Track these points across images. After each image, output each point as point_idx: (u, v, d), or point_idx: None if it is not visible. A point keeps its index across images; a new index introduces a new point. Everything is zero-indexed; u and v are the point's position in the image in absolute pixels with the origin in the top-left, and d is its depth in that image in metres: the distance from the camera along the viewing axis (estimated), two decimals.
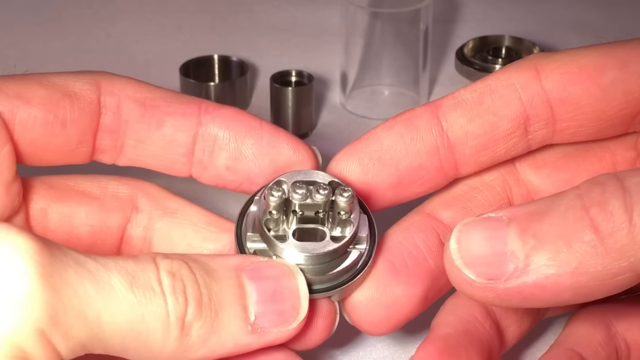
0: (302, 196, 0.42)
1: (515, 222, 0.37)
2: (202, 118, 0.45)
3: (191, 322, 0.36)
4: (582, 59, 0.43)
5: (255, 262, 0.40)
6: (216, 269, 0.38)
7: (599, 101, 0.43)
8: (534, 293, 0.36)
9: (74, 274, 0.34)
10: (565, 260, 0.35)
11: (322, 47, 0.84)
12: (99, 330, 0.34)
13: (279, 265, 0.40)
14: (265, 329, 0.39)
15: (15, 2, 0.90)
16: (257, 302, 0.39)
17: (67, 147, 0.44)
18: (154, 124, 0.45)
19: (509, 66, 0.45)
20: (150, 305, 0.35)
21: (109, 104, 0.44)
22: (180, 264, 0.37)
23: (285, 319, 0.39)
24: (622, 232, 0.35)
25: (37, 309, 0.32)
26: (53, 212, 0.45)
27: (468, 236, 0.38)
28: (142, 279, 0.36)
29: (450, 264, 0.38)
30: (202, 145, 0.45)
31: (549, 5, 0.91)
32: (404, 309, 0.44)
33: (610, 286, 0.36)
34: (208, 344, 0.37)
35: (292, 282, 0.40)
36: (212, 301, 0.37)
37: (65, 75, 0.44)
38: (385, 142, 0.44)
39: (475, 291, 0.37)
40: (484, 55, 0.78)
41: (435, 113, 0.44)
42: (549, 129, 0.44)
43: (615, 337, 0.48)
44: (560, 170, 0.47)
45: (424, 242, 0.45)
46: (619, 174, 0.37)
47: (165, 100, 0.45)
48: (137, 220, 0.46)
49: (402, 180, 0.44)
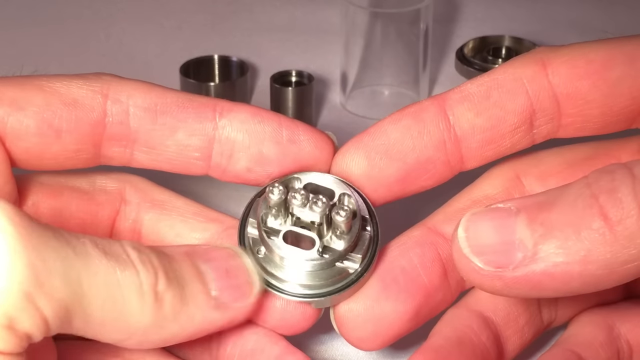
0: (300, 204, 0.42)
1: (524, 212, 0.37)
2: (218, 122, 0.44)
3: (163, 292, 0.37)
4: (590, 54, 0.43)
5: (203, 248, 0.41)
6: (171, 254, 0.39)
7: (605, 97, 0.43)
8: (543, 281, 0.36)
9: (53, 237, 0.34)
10: (574, 248, 0.35)
11: (322, 47, 0.84)
12: (80, 292, 0.34)
13: (223, 248, 0.42)
14: (227, 304, 0.40)
15: (15, 2, 0.90)
16: (215, 278, 0.40)
17: (64, 155, 0.44)
18: (166, 131, 0.44)
19: (515, 59, 0.44)
20: (125, 272, 0.36)
21: (115, 112, 0.43)
22: (139, 243, 0.38)
23: (243, 293, 0.41)
24: (632, 219, 0.35)
25: (21, 269, 0.32)
26: (44, 206, 0.45)
27: (476, 225, 0.37)
28: (112, 250, 0.36)
29: (458, 252, 0.37)
30: (219, 150, 0.44)
31: (549, 5, 0.91)
32: (393, 326, 0.44)
33: (619, 275, 0.36)
34: (180, 318, 0.38)
35: (239, 261, 0.41)
36: (176, 275, 0.38)
37: (70, 79, 0.43)
38: (392, 135, 0.44)
39: (483, 279, 0.37)
40: (484, 55, 0.78)
41: (442, 106, 0.44)
42: (554, 124, 0.44)
43: (618, 338, 0.48)
44: (565, 179, 0.45)
45: (420, 257, 0.44)
46: (628, 163, 0.37)
47: (178, 105, 0.44)
48: (125, 212, 0.47)
49: (410, 173, 0.44)
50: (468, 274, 0.37)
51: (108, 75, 0.45)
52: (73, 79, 0.43)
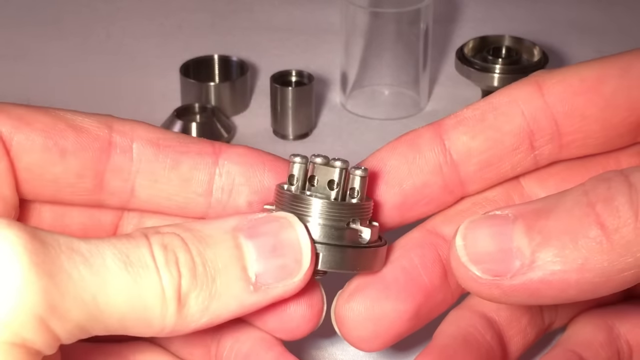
0: (323, 159, 0.42)
1: (521, 219, 0.37)
2: (218, 156, 0.44)
3: (187, 293, 0.37)
4: (583, 72, 0.43)
5: (252, 219, 0.40)
6: (211, 234, 0.39)
7: (602, 110, 0.43)
8: (540, 289, 0.36)
9: (67, 259, 0.34)
10: (571, 257, 0.35)
11: (322, 47, 0.84)
12: (96, 312, 0.34)
13: (277, 217, 0.40)
14: (269, 285, 0.39)
15: (15, 2, 0.90)
16: (257, 259, 0.39)
17: (66, 180, 0.43)
18: (169, 163, 0.44)
19: (511, 85, 0.45)
20: (146, 282, 0.36)
21: (120, 143, 0.43)
22: (172, 236, 0.38)
23: (288, 272, 0.39)
24: (628, 228, 0.35)
25: (33, 296, 0.32)
26: (46, 211, 0.45)
27: (474, 233, 0.38)
28: (136, 256, 0.36)
29: (456, 260, 0.37)
30: (220, 184, 0.44)
31: (549, 5, 0.91)
32: (393, 326, 0.44)
33: (616, 282, 0.36)
34: (210, 310, 0.38)
35: (292, 233, 0.40)
36: (207, 268, 0.38)
37: (75, 112, 0.44)
38: (389, 163, 0.44)
39: (481, 288, 0.37)
40: (484, 55, 0.77)
41: (438, 132, 0.44)
42: (555, 144, 0.44)
43: (618, 339, 0.48)
44: (565, 181, 0.46)
45: (420, 257, 0.45)
46: (624, 171, 0.37)
47: (179, 141, 0.44)
48: (128, 218, 0.46)
49: (407, 199, 0.44)
50: (466, 282, 0.38)
51: (108, 115, 0.45)
52: (79, 112, 0.44)
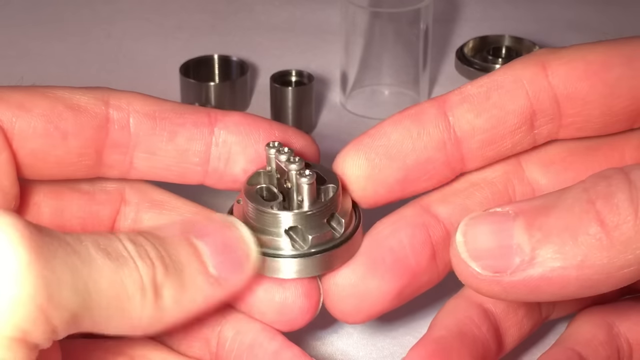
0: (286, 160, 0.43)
1: (522, 216, 0.37)
2: (213, 126, 0.45)
3: (162, 283, 0.37)
4: (589, 55, 0.44)
5: (196, 222, 0.41)
6: (165, 236, 0.39)
7: (605, 97, 0.43)
8: (540, 286, 0.36)
9: (60, 247, 0.34)
10: (571, 253, 0.35)
11: (322, 47, 0.84)
12: (88, 299, 0.34)
13: (217, 219, 0.42)
14: (226, 278, 0.40)
15: (15, 2, 0.90)
16: (211, 255, 0.40)
17: (68, 160, 0.44)
18: (166, 135, 0.45)
19: (515, 61, 0.45)
20: (126, 269, 0.36)
21: (117, 118, 0.44)
22: (134, 233, 0.38)
23: (240, 264, 0.41)
24: (628, 225, 0.35)
25: (34, 286, 0.33)
26: (45, 206, 0.45)
27: (474, 230, 0.38)
28: (112, 247, 0.36)
29: (456, 257, 0.38)
30: (217, 153, 0.45)
31: (548, 5, 0.91)
32: (376, 303, 0.45)
33: (616, 279, 0.36)
34: (180, 303, 0.38)
35: (235, 231, 0.42)
36: (173, 261, 0.38)
37: (71, 89, 0.45)
38: (392, 136, 0.44)
39: (481, 284, 0.37)
40: (484, 55, 0.78)
41: (442, 108, 0.44)
42: (554, 124, 0.44)
43: (618, 337, 0.48)
44: (567, 169, 0.47)
45: (410, 238, 0.45)
46: (625, 168, 0.37)
47: (175, 112, 0.45)
48: (125, 212, 0.47)
49: (409, 174, 0.44)
50: (466, 278, 0.38)
51: (105, 87, 0.46)
52: (74, 89, 0.45)
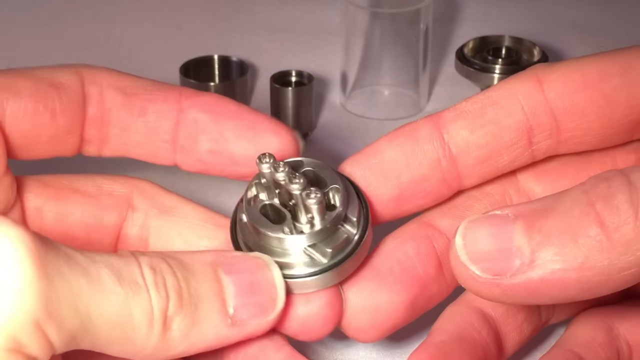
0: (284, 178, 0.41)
1: (521, 219, 0.37)
2: (182, 104, 0.45)
3: (172, 316, 0.37)
4: (584, 67, 0.43)
5: (230, 256, 0.40)
6: (192, 264, 0.39)
7: (602, 108, 0.43)
8: (540, 288, 0.36)
9: (66, 266, 0.34)
10: (571, 255, 0.35)
11: (322, 47, 0.84)
12: (88, 322, 0.34)
13: (254, 258, 0.41)
14: (244, 321, 0.39)
15: (15, 2, 0.90)
16: (234, 295, 0.39)
17: (57, 138, 0.44)
18: (136, 111, 0.45)
19: (510, 77, 0.44)
20: (137, 299, 0.36)
21: (92, 93, 0.45)
22: (159, 259, 0.38)
23: (263, 310, 0.40)
24: (628, 226, 0.35)
25: (32, 299, 0.32)
26: (49, 210, 0.45)
27: (474, 233, 0.38)
28: (127, 273, 0.36)
29: (455, 260, 0.37)
30: (184, 131, 0.45)
31: (549, 5, 0.91)
32: (389, 316, 0.44)
33: (617, 281, 0.36)
34: (189, 338, 0.38)
35: (268, 273, 0.40)
36: (191, 295, 0.38)
37: (48, 67, 0.45)
38: (387, 154, 0.44)
39: (480, 287, 0.37)
40: (484, 55, 0.77)
41: (437, 125, 0.44)
42: (553, 139, 0.44)
43: (617, 339, 0.48)
44: (561, 177, 0.46)
45: (416, 249, 0.45)
46: (624, 170, 0.37)
47: (146, 89, 0.46)
48: (133, 219, 0.47)
49: (404, 192, 0.44)
50: (466, 281, 0.37)
51: (80, 64, 0.46)
52: (50, 67, 0.45)
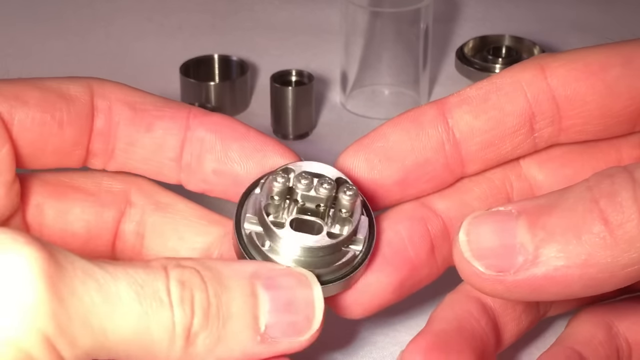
0: (306, 187, 0.41)
1: (525, 215, 0.37)
2: (190, 122, 0.45)
3: (197, 333, 0.36)
4: (587, 57, 0.44)
5: (272, 269, 0.40)
6: (230, 276, 0.38)
7: (604, 98, 0.43)
8: (543, 285, 0.36)
9: (81, 284, 0.34)
10: (575, 252, 0.35)
11: (322, 47, 0.84)
12: (103, 340, 0.34)
13: (297, 274, 0.40)
14: (276, 339, 0.38)
15: (15, 1, 0.90)
16: (269, 311, 0.38)
17: (64, 149, 0.44)
18: (144, 126, 0.45)
19: (514, 65, 0.45)
20: (157, 316, 0.35)
21: (101, 106, 0.45)
22: (192, 272, 0.37)
23: (297, 330, 0.39)
24: (632, 223, 0.35)
25: (43, 318, 0.32)
26: (49, 207, 0.45)
27: (477, 229, 0.38)
28: (151, 289, 0.35)
29: (459, 256, 0.38)
30: (189, 149, 0.45)
31: (549, 4, 0.91)
32: (375, 297, 0.44)
33: (620, 278, 0.36)
34: (215, 353, 0.37)
35: (308, 292, 0.39)
36: (220, 311, 0.37)
37: (58, 79, 0.45)
38: (391, 138, 0.44)
39: (484, 283, 0.37)
40: (484, 54, 0.78)
41: (441, 110, 0.45)
42: (554, 127, 0.45)
43: (617, 336, 0.48)
44: (565, 166, 0.47)
45: (408, 231, 0.45)
46: (628, 166, 0.37)
47: (155, 105, 0.45)
48: (130, 214, 0.47)
49: (408, 176, 0.45)
50: (469, 277, 0.38)
51: (90, 77, 0.46)
52: (60, 79, 0.45)
